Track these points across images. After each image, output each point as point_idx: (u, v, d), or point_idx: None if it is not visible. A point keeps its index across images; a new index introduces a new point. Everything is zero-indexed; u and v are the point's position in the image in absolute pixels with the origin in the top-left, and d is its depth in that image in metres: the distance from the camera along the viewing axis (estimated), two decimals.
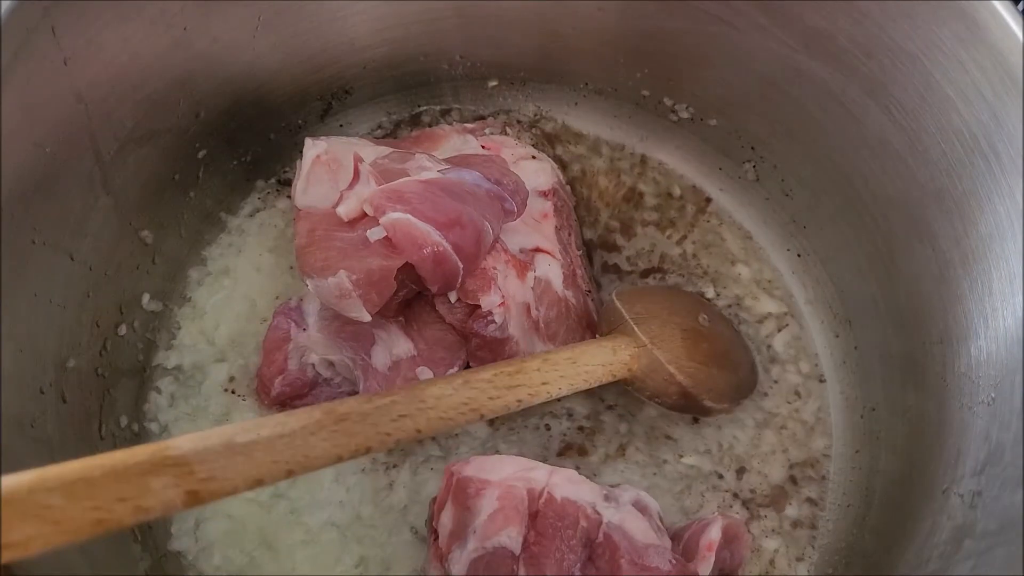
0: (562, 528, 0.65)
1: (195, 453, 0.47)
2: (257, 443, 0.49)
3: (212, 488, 0.47)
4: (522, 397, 0.64)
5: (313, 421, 0.53)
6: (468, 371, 0.64)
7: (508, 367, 0.65)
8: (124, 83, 0.68)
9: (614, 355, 0.72)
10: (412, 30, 0.84)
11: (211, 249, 0.85)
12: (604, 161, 0.91)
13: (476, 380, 0.62)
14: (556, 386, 0.67)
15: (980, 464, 0.63)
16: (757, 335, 0.85)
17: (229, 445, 0.48)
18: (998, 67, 0.61)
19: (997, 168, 0.62)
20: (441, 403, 0.59)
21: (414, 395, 0.58)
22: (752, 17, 0.74)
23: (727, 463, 0.79)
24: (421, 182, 0.68)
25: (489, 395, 0.62)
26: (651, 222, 0.89)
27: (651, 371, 0.74)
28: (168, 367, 0.80)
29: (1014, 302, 0.63)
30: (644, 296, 0.81)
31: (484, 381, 0.62)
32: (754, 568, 0.76)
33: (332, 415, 0.54)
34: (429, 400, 0.59)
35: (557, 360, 0.68)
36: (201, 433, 0.48)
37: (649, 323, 0.75)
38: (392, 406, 0.57)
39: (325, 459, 0.53)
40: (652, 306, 0.78)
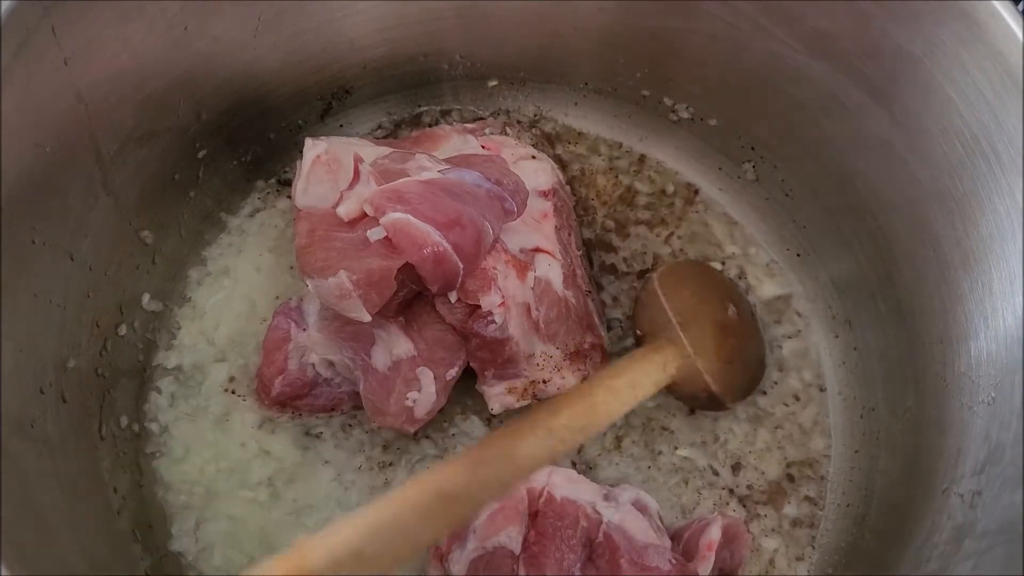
0: (562, 528, 0.65)
1: (325, 569, 0.48)
2: (385, 549, 0.50)
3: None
4: (591, 434, 0.64)
5: (425, 507, 0.53)
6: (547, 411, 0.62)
7: (579, 403, 0.63)
8: (124, 83, 0.68)
9: (664, 372, 0.72)
10: (412, 30, 0.84)
11: (211, 249, 0.85)
12: (603, 161, 0.91)
13: (557, 427, 0.61)
14: (617, 413, 0.66)
15: (980, 464, 0.63)
16: (766, 333, 0.85)
17: (358, 556, 0.49)
18: (998, 67, 0.61)
19: (997, 168, 0.62)
20: (531, 462, 0.59)
21: (512, 459, 0.58)
22: (752, 17, 0.74)
23: (722, 458, 0.80)
24: (421, 182, 0.68)
25: (567, 440, 0.61)
26: (643, 221, 0.89)
27: (689, 379, 0.74)
28: (168, 367, 0.80)
29: (1014, 302, 0.63)
30: (683, 282, 0.80)
31: (563, 427, 0.61)
32: (754, 568, 0.76)
33: (444, 499, 0.53)
34: (521, 461, 0.58)
35: (619, 388, 0.67)
36: (328, 541, 0.49)
37: (690, 325, 0.75)
38: (495, 476, 0.56)
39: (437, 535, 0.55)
40: (691, 298, 0.78)
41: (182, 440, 0.78)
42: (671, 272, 0.81)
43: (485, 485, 0.55)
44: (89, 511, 0.69)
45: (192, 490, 0.76)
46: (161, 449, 0.78)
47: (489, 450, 0.57)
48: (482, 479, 0.55)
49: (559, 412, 0.62)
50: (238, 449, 0.77)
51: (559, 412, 0.62)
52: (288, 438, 0.78)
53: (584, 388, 0.65)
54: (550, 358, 0.78)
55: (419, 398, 0.73)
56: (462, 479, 0.54)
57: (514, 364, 0.75)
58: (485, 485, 0.55)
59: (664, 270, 0.80)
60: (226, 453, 0.77)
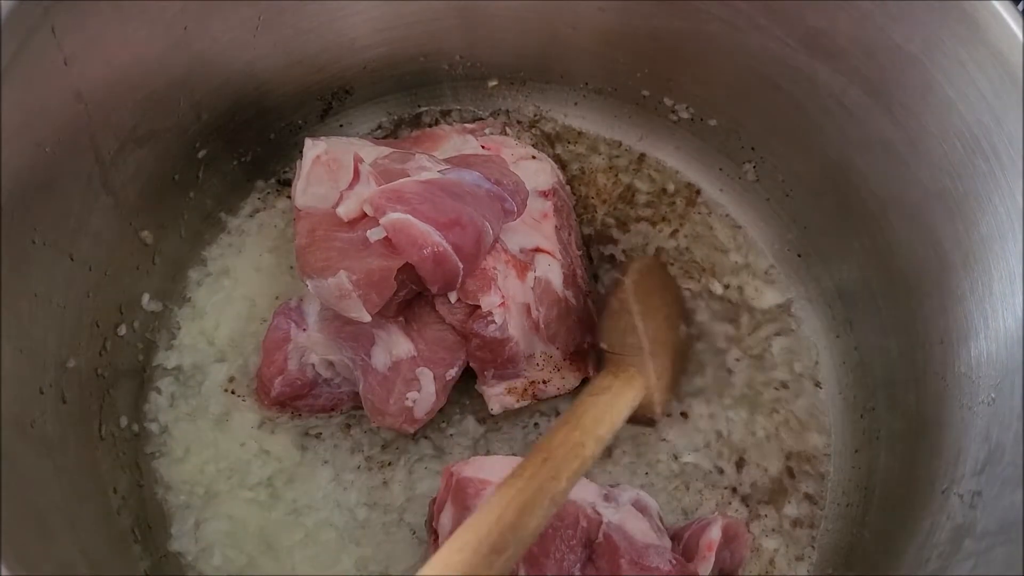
0: (562, 528, 0.65)
1: None
2: None
3: None
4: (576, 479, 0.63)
5: None
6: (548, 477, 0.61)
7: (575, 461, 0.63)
8: (124, 83, 0.68)
9: (632, 408, 0.71)
10: (412, 30, 0.84)
11: (211, 249, 0.85)
12: (603, 160, 0.91)
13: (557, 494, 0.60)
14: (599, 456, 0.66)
15: (980, 464, 0.63)
16: (756, 333, 0.85)
17: None
18: (998, 67, 0.61)
19: (997, 168, 0.62)
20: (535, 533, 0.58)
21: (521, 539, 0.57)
22: (752, 17, 0.74)
23: (727, 455, 0.80)
24: (421, 182, 0.68)
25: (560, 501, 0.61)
26: (644, 218, 0.89)
27: (639, 407, 0.73)
28: (168, 367, 0.80)
29: (1014, 302, 0.63)
30: (651, 296, 0.78)
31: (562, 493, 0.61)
32: (754, 568, 0.76)
33: None
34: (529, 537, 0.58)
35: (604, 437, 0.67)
36: None
37: (657, 354, 0.75)
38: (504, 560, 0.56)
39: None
40: (657, 315, 0.77)
41: (182, 440, 0.78)
42: (641, 280, 0.78)
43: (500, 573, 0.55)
44: (89, 511, 0.69)
45: (192, 490, 0.76)
46: (161, 449, 0.78)
47: (501, 533, 0.56)
48: (497, 568, 0.55)
49: (560, 476, 0.61)
50: (238, 449, 0.77)
51: (560, 476, 0.61)
52: (288, 438, 0.78)
53: (575, 441, 0.64)
54: (550, 358, 0.78)
55: (419, 398, 0.73)
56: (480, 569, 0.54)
57: (514, 364, 0.75)
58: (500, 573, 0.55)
59: (636, 277, 0.77)
60: (226, 453, 0.77)
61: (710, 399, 0.82)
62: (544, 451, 0.63)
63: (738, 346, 0.84)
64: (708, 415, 0.81)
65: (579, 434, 0.65)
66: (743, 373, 0.83)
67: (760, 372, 0.83)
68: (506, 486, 0.59)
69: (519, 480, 0.60)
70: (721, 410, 0.81)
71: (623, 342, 0.75)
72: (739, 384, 0.82)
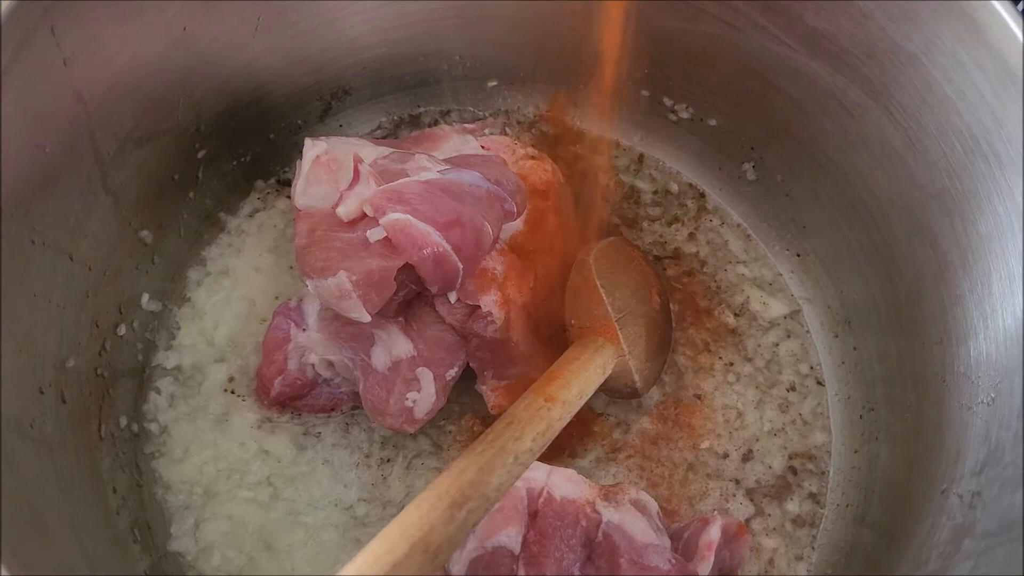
0: (561, 528, 0.65)
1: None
2: None
3: None
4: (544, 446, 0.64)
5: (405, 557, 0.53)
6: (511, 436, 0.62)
7: (540, 423, 0.64)
8: (124, 83, 0.68)
9: (604, 374, 0.72)
10: (412, 30, 0.84)
11: (211, 249, 0.85)
12: (603, 160, 0.92)
13: (523, 453, 0.61)
14: (566, 420, 0.67)
15: (980, 464, 0.63)
16: (765, 338, 0.85)
17: None
18: (998, 67, 0.61)
19: (997, 169, 0.62)
20: (500, 493, 0.59)
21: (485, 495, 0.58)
22: (752, 17, 0.74)
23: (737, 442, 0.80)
24: (421, 183, 0.68)
25: (528, 462, 0.62)
26: (655, 217, 0.89)
27: (618, 376, 0.74)
28: (168, 367, 0.80)
29: (1013, 302, 0.63)
30: (617, 266, 0.80)
31: (527, 451, 0.62)
32: (753, 568, 0.76)
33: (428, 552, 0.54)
34: (493, 494, 0.59)
35: (572, 400, 0.68)
36: None
37: (626, 323, 0.76)
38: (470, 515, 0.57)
39: None
40: (625, 289, 0.78)
41: (181, 440, 0.78)
42: (604, 257, 0.79)
43: (463, 527, 0.56)
44: (88, 511, 0.69)
45: (191, 490, 0.76)
46: (160, 449, 0.77)
47: (460, 488, 0.57)
48: (460, 523, 0.56)
49: (523, 436, 0.62)
50: (237, 449, 0.77)
51: (523, 436, 0.62)
52: (287, 438, 0.78)
53: (539, 404, 0.65)
54: (550, 358, 0.78)
55: (419, 398, 0.73)
56: (441, 530, 0.55)
57: (514, 364, 0.75)
58: (463, 527, 0.56)
59: (598, 255, 0.78)
60: (225, 453, 0.77)
61: (715, 397, 0.82)
62: (508, 416, 0.64)
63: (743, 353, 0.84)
64: (721, 407, 0.82)
65: (543, 399, 0.66)
66: (751, 377, 0.83)
67: (767, 375, 0.83)
68: (469, 449, 0.61)
69: (481, 443, 0.61)
70: (732, 401, 0.82)
71: (591, 315, 0.75)
72: (748, 386, 0.83)
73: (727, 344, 0.84)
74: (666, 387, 0.82)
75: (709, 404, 0.82)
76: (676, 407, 0.81)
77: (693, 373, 0.83)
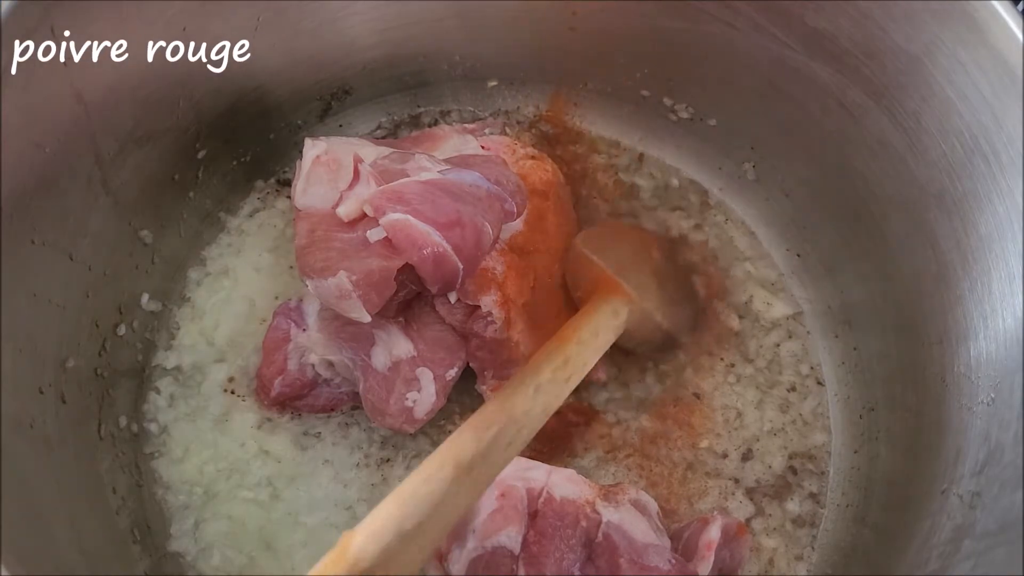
0: (561, 528, 0.65)
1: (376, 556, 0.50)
2: (423, 523, 0.53)
3: None
4: (574, 384, 0.67)
5: (452, 479, 0.55)
6: (529, 371, 0.65)
7: (559, 358, 0.66)
8: (124, 83, 0.68)
9: (616, 319, 0.74)
10: (412, 30, 0.84)
11: (211, 249, 0.85)
12: (603, 160, 0.92)
13: (544, 383, 0.64)
14: (591, 362, 0.69)
15: (980, 464, 0.63)
16: (767, 339, 0.85)
17: (402, 535, 0.51)
18: (998, 67, 0.61)
19: (997, 169, 0.62)
20: (530, 420, 0.62)
21: (510, 418, 0.61)
22: (752, 17, 0.74)
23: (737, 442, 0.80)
24: (421, 183, 0.68)
25: (555, 394, 0.65)
26: (655, 207, 0.90)
27: (640, 323, 0.76)
28: (167, 367, 0.80)
29: (1013, 303, 0.63)
30: (606, 239, 0.83)
31: (548, 382, 0.64)
32: (753, 567, 0.76)
33: (462, 467, 0.56)
34: (521, 418, 0.61)
35: (585, 338, 0.70)
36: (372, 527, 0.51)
37: (626, 273, 0.77)
38: (499, 437, 0.59)
39: (467, 505, 0.58)
40: (618, 251, 0.80)
41: (181, 440, 0.78)
42: (592, 235, 0.83)
43: (494, 447, 0.58)
44: (88, 511, 0.69)
45: (191, 490, 0.76)
46: (160, 449, 0.77)
47: (489, 415, 0.60)
48: (490, 442, 0.58)
49: (540, 369, 0.64)
50: (237, 449, 0.77)
51: (540, 369, 0.64)
52: (287, 438, 0.78)
53: (554, 344, 0.68)
54: None
55: (419, 398, 0.73)
56: (472, 446, 0.57)
57: (514, 364, 0.75)
58: (494, 447, 0.58)
59: (585, 236, 0.82)
60: (225, 453, 0.77)
61: (714, 396, 0.82)
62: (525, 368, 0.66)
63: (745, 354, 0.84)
64: (720, 406, 0.82)
65: (557, 341, 0.68)
66: (751, 378, 0.83)
67: (767, 375, 0.83)
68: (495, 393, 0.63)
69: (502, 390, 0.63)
70: (732, 401, 0.82)
71: (590, 280, 0.78)
72: (748, 387, 0.83)
73: (730, 346, 0.84)
74: (666, 383, 0.82)
75: (708, 404, 0.82)
76: (675, 405, 0.81)
77: (693, 371, 0.83)
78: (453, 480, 0.55)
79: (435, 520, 0.53)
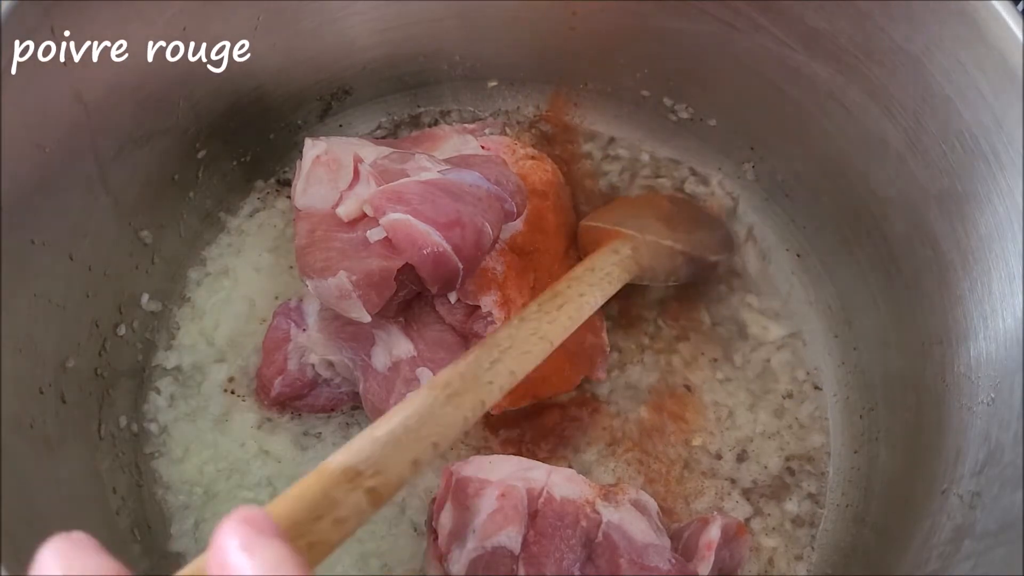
0: (561, 528, 0.65)
1: (352, 457, 0.50)
2: (395, 431, 0.52)
3: (384, 481, 0.50)
4: (571, 314, 0.67)
5: (427, 396, 0.56)
6: (517, 313, 0.66)
7: (546, 295, 0.67)
8: (124, 83, 0.68)
9: (618, 254, 0.75)
10: (412, 31, 0.84)
11: (211, 249, 0.85)
12: (604, 160, 0.92)
13: (528, 314, 0.65)
14: (591, 296, 0.69)
15: (980, 464, 0.63)
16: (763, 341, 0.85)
17: (375, 440, 0.51)
18: (998, 67, 0.61)
19: (997, 169, 0.62)
20: (515, 340, 0.62)
21: (491, 342, 0.61)
22: (752, 17, 0.74)
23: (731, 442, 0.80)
24: (421, 183, 0.68)
25: (547, 320, 0.65)
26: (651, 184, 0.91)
27: (655, 255, 0.77)
28: (167, 367, 0.80)
29: (1014, 303, 0.63)
30: (609, 209, 0.85)
31: (535, 313, 0.65)
32: (752, 567, 0.76)
33: (438, 385, 0.57)
34: (504, 341, 0.61)
35: (579, 274, 0.71)
36: (346, 444, 0.52)
37: (627, 222, 0.79)
38: (479, 359, 0.59)
39: (456, 424, 0.56)
40: (620, 213, 0.82)
41: (181, 440, 0.78)
42: (597, 212, 0.85)
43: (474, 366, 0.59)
44: (88, 511, 0.69)
45: (191, 490, 0.76)
46: (160, 449, 0.77)
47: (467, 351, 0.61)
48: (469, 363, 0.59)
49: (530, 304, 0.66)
50: (238, 449, 0.77)
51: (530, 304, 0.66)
52: (288, 438, 0.78)
53: (561, 285, 0.69)
54: (550, 358, 0.78)
55: None
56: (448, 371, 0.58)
57: None
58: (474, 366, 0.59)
59: (587, 217, 0.84)
60: (225, 453, 0.77)
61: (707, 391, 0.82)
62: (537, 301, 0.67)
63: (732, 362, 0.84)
64: (713, 403, 0.82)
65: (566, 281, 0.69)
66: (746, 384, 0.83)
67: (763, 382, 0.83)
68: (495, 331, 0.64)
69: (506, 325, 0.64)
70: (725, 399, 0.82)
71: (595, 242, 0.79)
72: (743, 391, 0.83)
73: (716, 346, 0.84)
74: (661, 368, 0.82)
75: (699, 399, 0.82)
76: (671, 396, 0.81)
77: (684, 367, 0.83)
78: (428, 396, 0.55)
79: (413, 431, 0.53)
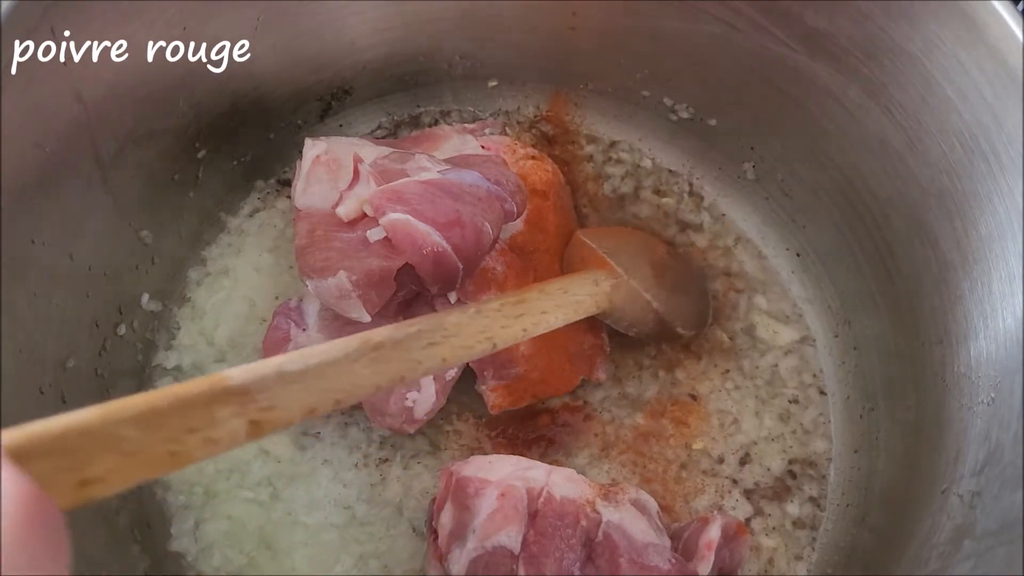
0: (561, 527, 0.65)
1: (252, 382, 0.47)
2: (308, 371, 0.50)
3: (272, 418, 0.47)
4: (527, 327, 0.66)
5: (353, 349, 0.53)
6: (478, 302, 0.66)
7: (512, 297, 0.67)
8: (124, 83, 0.68)
9: (597, 286, 0.75)
10: (412, 30, 0.84)
11: (211, 249, 0.85)
12: (604, 160, 0.92)
13: (487, 309, 0.64)
14: (553, 316, 0.69)
15: (979, 464, 0.63)
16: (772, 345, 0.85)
17: (281, 374, 0.48)
18: (998, 67, 0.61)
19: (997, 169, 0.62)
20: (461, 331, 0.61)
21: (437, 323, 0.60)
22: (752, 17, 0.74)
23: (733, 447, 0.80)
24: (421, 183, 0.68)
25: (500, 324, 0.64)
26: (650, 198, 0.90)
27: (629, 301, 0.77)
28: (167, 367, 0.80)
29: (1014, 303, 0.63)
30: (608, 234, 0.84)
31: (494, 311, 0.65)
32: (752, 567, 0.76)
33: (369, 343, 0.54)
34: (450, 328, 0.60)
35: (552, 291, 0.71)
36: (253, 364, 0.48)
37: (619, 256, 0.78)
38: (420, 335, 0.58)
39: (367, 388, 0.53)
40: (618, 242, 0.81)
41: None
42: (596, 231, 0.84)
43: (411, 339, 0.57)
44: (88, 511, 0.68)
45: (191, 490, 0.76)
46: None
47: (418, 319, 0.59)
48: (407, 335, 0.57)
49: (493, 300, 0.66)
50: (237, 449, 0.77)
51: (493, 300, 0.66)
52: (287, 438, 0.78)
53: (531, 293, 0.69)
54: (551, 358, 0.78)
55: (419, 399, 0.73)
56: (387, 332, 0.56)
57: (514, 364, 0.75)
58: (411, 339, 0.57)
59: (587, 229, 0.84)
60: (225, 453, 0.77)
61: (714, 400, 0.82)
62: None
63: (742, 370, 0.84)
64: (718, 411, 0.81)
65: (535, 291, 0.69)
66: (755, 391, 0.83)
67: (772, 388, 0.83)
68: None
69: None
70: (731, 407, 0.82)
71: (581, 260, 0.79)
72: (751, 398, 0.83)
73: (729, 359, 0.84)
74: (662, 382, 0.82)
75: (704, 407, 0.81)
76: (673, 404, 0.81)
77: (690, 379, 0.83)
78: (356, 351, 0.53)
79: (323, 376, 0.50)
